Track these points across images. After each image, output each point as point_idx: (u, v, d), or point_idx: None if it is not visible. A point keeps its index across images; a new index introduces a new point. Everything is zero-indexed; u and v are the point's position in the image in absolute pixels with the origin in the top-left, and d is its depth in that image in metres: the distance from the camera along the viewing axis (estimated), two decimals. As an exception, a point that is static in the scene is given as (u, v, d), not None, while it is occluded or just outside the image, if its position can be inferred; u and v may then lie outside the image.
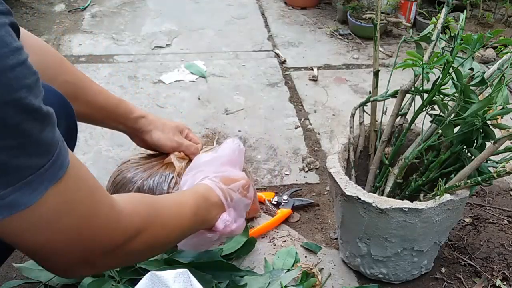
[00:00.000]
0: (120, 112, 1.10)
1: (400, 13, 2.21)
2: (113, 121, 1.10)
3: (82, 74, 1.07)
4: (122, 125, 1.11)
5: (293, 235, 1.24)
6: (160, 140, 1.14)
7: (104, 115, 1.08)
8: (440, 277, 1.15)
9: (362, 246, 1.06)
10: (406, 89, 1.04)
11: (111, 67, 1.88)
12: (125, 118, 1.10)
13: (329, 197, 1.35)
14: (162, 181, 1.11)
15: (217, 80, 1.84)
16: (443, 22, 1.01)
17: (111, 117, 1.09)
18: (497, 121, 0.93)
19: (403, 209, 0.95)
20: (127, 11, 2.32)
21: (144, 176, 1.11)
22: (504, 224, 1.28)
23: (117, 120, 1.10)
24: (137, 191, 1.09)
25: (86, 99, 1.04)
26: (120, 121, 1.10)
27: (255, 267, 1.15)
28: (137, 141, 1.16)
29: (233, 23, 2.27)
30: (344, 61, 2.01)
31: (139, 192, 1.09)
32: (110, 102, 1.09)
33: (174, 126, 1.17)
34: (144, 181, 1.10)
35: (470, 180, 0.94)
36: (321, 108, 1.72)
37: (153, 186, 1.10)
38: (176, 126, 1.18)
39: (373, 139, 1.15)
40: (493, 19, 2.14)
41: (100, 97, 1.07)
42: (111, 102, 1.10)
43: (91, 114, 1.06)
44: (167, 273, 0.82)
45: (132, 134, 1.14)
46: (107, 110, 1.08)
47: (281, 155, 1.50)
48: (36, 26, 2.13)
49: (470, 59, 0.93)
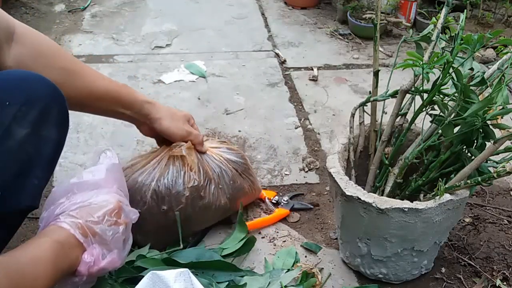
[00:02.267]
0: (124, 96, 1.07)
1: (400, 13, 2.21)
2: (118, 106, 1.06)
3: (80, 62, 1.05)
4: (129, 111, 1.08)
5: (293, 235, 1.24)
6: (170, 128, 1.12)
7: (108, 101, 1.05)
8: (440, 277, 1.15)
9: (362, 246, 1.06)
10: (406, 89, 1.04)
11: (111, 67, 1.88)
12: (130, 103, 1.07)
13: (329, 197, 1.35)
14: (176, 178, 1.11)
15: (217, 80, 1.84)
16: (443, 22, 1.01)
17: (115, 102, 1.06)
18: (497, 121, 0.93)
19: (403, 209, 0.95)
20: (127, 11, 2.32)
21: (156, 176, 1.11)
22: (504, 224, 1.28)
23: (122, 104, 1.06)
24: (154, 194, 1.09)
25: (86, 85, 1.02)
26: (126, 106, 1.07)
27: (255, 267, 1.15)
28: (144, 129, 1.14)
29: (233, 23, 2.27)
30: (344, 61, 2.01)
31: (156, 194, 1.09)
32: (112, 86, 1.06)
33: (183, 115, 1.17)
34: (158, 182, 1.10)
35: (470, 180, 0.94)
36: (321, 108, 1.72)
37: (169, 186, 1.10)
38: (184, 115, 1.17)
39: (373, 139, 1.15)
40: (493, 19, 2.14)
41: (101, 82, 1.05)
42: (114, 86, 1.07)
43: (94, 100, 1.03)
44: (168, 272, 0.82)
45: (139, 121, 1.11)
46: (111, 94, 1.05)
47: (281, 155, 1.50)
48: (36, 26, 2.12)
49: (470, 59, 0.93)
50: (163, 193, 1.09)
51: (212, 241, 1.20)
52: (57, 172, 1.38)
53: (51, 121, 0.87)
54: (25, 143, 0.82)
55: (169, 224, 1.11)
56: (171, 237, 1.13)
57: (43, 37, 1.00)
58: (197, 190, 1.12)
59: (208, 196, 1.14)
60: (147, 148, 1.43)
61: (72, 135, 1.53)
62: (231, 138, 1.55)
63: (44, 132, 0.86)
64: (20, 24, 0.95)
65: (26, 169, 0.84)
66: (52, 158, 0.91)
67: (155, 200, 1.09)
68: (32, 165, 0.86)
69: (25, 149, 0.82)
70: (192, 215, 1.13)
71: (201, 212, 1.14)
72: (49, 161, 0.90)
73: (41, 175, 0.88)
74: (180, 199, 1.10)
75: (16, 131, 0.81)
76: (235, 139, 1.54)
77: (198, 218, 1.15)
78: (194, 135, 1.15)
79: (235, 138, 1.55)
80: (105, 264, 0.86)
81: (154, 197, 1.09)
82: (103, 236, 0.86)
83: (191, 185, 1.11)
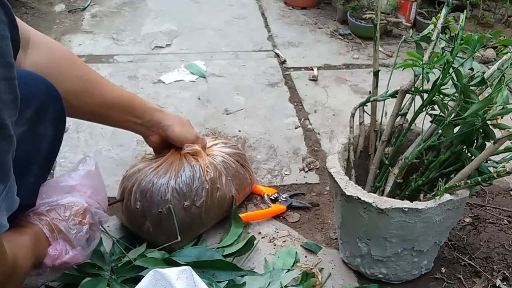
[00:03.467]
0: (137, 104, 1.10)
1: (400, 13, 2.21)
2: (130, 115, 1.09)
3: (93, 70, 1.08)
4: (141, 119, 1.10)
5: (293, 235, 1.24)
6: (183, 134, 1.16)
7: (121, 109, 1.08)
8: (440, 277, 1.15)
9: (362, 246, 1.06)
10: (406, 89, 1.04)
11: (111, 67, 1.88)
12: (143, 111, 1.10)
13: (329, 197, 1.35)
14: (193, 174, 1.14)
15: (217, 80, 1.84)
16: (443, 22, 1.01)
17: (128, 110, 1.08)
18: (497, 121, 0.93)
19: (403, 209, 0.95)
20: (127, 11, 2.32)
21: (172, 175, 1.13)
22: (504, 224, 1.28)
23: (134, 112, 1.09)
24: (174, 192, 1.11)
25: (101, 93, 1.04)
26: (138, 114, 1.09)
27: (255, 267, 1.15)
28: (154, 138, 1.16)
29: (233, 23, 2.27)
30: (344, 61, 2.01)
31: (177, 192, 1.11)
32: (125, 95, 1.10)
33: (187, 120, 1.21)
34: (176, 180, 1.12)
35: (470, 180, 0.94)
36: (321, 108, 1.72)
37: (189, 182, 1.13)
38: (188, 120, 1.21)
39: (373, 139, 1.15)
40: (493, 19, 2.14)
41: (115, 90, 1.08)
42: (126, 94, 1.10)
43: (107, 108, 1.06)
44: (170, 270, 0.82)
45: (150, 130, 1.13)
46: (124, 103, 1.08)
47: (281, 155, 1.50)
48: (36, 26, 2.12)
49: (470, 59, 0.93)
50: (184, 190, 1.12)
51: (212, 241, 1.20)
52: (57, 172, 1.38)
53: (47, 119, 0.87)
54: (22, 141, 0.82)
55: (193, 219, 1.14)
56: (195, 233, 1.18)
57: (58, 45, 1.02)
58: (214, 182, 1.16)
59: (222, 187, 1.18)
60: (147, 149, 1.43)
61: (72, 135, 1.53)
62: (231, 138, 1.55)
63: (41, 130, 0.87)
64: (35, 31, 0.96)
65: (22, 167, 0.84)
66: (49, 155, 0.92)
67: (177, 198, 1.12)
68: (29, 163, 0.86)
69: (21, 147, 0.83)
70: (211, 207, 1.16)
71: (218, 204, 1.18)
72: (46, 158, 0.91)
73: (37, 173, 0.90)
74: (201, 193, 1.14)
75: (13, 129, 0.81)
76: (235, 139, 1.54)
77: (216, 210, 1.19)
78: (201, 139, 1.21)
79: (235, 138, 1.55)
80: (68, 259, 0.91)
81: (175, 195, 1.12)
82: (67, 234, 0.92)
83: (209, 178, 1.15)
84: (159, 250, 1.10)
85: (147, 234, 1.14)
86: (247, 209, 1.30)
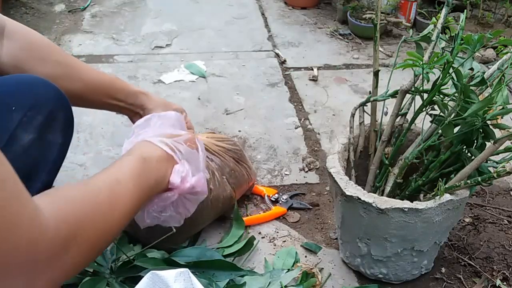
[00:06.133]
0: (119, 86, 1.08)
1: (400, 13, 2.21)
2: (112, 98, 1.07)
3: (72, 56, 1.07)
4: (123, 102, 1.08)
5: (293, 235, 1.24)
6: None
7: (103, 92, 1.05)
8: (440, 277, 1.15)
9: (362, 246, 1.06)
10: (406, 89, 1.04)
11: (111, 67, 1.88)
12: (125, 94, 1.08)
13: (329, 197, 1.35)
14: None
15: (217, 80, 1.84)
16: (443, 22, 1.01)
17: (110, 93, 1.06)
18: (497, 121, 0.93)
19: (403, 209, 0.95)
20: (127, 11, 2.32)
21: None
22: (504, 224, 1.28)
23: (117, 95, 1.07)
24: None
25: (81, 77, 1.02)
26: (121, 97, 1.07)
27: (255, 267, 1.15)
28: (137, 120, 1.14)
29: (233, 23, 2.27)
30: (344, 61, 2.01)
31: None
32: (105, 78, 1.07)
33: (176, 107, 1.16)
34: None
35: (470, 180, 0.94)
36: (321, 108, 1.72)
37: None
38: (177, 107, 1.17)
39: (373, 139, 1.15)
40: (493, 19, 2.14)
41: (94, 74, 1.05)
42: (107, 78, 1.07)
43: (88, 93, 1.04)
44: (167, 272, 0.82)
45: (133, 112, 1.11)
46: (105, 85, 1.05)
47: (281, 155, 1.50)
48: (36, 26, 2.13)
49: (470, 59, 0.93)
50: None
51: (212, 241, 1.20)
52: (57, 172, 1.38)
53: (56, 126, 0.87)
54: (31, 148, 0.82)
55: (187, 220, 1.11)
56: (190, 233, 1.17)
57: (34, 32, 1.00)
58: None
59: (216, 188, 1.17)
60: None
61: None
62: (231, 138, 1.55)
63: (50, 137, 0.87)
64: (10, 20, 0.96)
65: (31, 174, 0.84)
66: (57, 162, 0.91)
67: None
68: (38, 170, 0.86)
69: (30, 154, 0.83)
70: (205, 209, 1.15)
71: (212, 205, 1.17)
72: (54, 165, 0.91)
73: (46, 179, 0.89)
74: None
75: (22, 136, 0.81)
76: (235, 139, 1.54)
77: (210, 210, 1.18)
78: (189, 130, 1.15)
79: (235, 138, 1.55)
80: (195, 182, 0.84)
81: None
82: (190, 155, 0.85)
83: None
84: (159, 250, 1.10)
85: (141, 234, 1.13)
86: (247, 210, 1.30)
